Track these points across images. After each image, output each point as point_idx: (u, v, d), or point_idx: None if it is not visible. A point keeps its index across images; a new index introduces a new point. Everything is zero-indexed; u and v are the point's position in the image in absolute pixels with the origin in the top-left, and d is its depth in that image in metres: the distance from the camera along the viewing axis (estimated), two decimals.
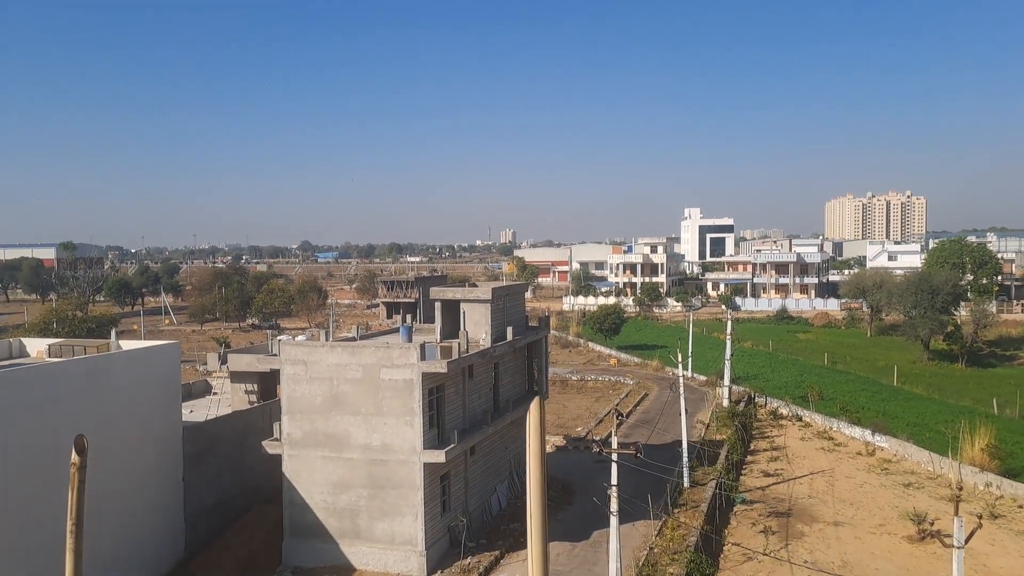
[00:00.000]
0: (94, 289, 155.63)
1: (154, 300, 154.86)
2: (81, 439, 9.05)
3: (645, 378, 78.60)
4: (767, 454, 51.60)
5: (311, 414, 33.14)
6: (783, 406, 64.12)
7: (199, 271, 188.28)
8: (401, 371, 32.03)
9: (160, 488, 33.19)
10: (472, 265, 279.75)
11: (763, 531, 37.88)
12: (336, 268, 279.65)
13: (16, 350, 34.54)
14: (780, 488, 44.64)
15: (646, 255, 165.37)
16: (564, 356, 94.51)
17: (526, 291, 48.27)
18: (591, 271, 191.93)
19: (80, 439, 9.06)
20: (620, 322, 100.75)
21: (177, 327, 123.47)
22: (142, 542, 32.18)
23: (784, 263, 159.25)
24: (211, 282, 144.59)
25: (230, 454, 36.99)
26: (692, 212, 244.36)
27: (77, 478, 9.09)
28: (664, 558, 32.57)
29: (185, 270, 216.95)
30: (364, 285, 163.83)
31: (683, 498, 40.85)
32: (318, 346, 33.78)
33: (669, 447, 49.41)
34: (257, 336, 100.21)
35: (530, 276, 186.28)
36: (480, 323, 37.65)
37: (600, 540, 35.57)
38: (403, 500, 32.28)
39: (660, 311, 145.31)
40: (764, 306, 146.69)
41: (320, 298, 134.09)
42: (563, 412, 63.25)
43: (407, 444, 32.09)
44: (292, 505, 33.51)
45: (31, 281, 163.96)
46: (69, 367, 30.03)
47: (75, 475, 9.09)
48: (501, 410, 39.35)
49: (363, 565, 32.65)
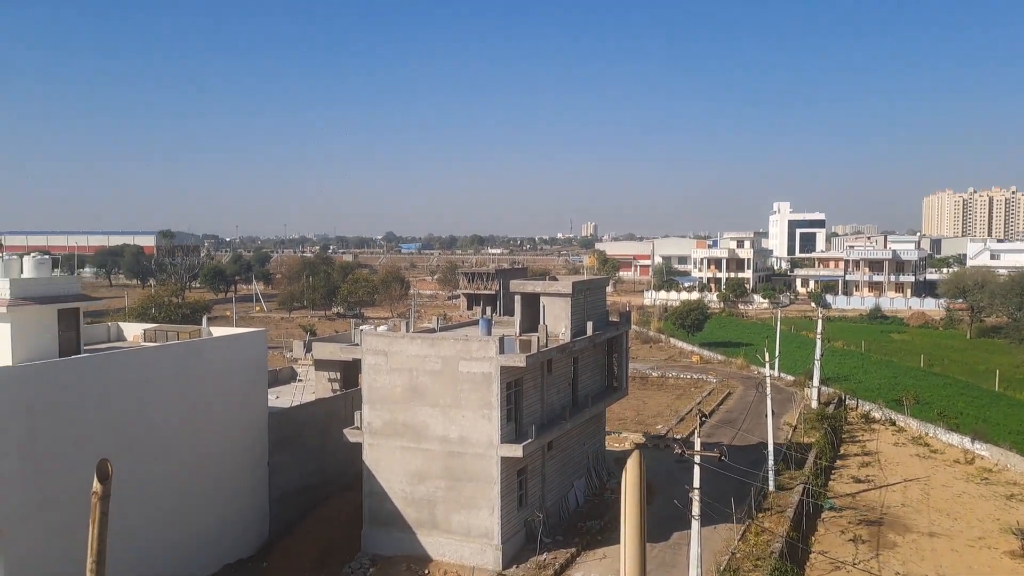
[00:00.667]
0: (190, 276, 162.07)
1: (246, 287, 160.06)
2: (105, 464, 7.55)
3: (729, 376, 76.72)
4: (858, 459, 49.59)
5: (391, 404, 33.41)
6: (876, 409, 61.54)
7: (288, 260, 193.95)
8: (479, 364, 31.94)
9: (247, 472, 34.09)
10: (553, 258, 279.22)
11: (852, 540, 36.34)
12: (419, 259, 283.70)
13: (114, 334, 35.99)
14: (871, 495, 42.79)
15: (732, 250, 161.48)
16: (645, 352, 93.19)
17: (607, 285, 47.55)
18: (674, 266, 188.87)
19: (104, 464, 7.54)
20: (704, 318, 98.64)
21: (267, 314, 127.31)
22: (230, 524, 33.13)
23: (879, 260, 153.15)
24: (299, 271, 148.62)
25: (313, 440, 37.71)
26: (781, 206, 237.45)
27: (99, 509, 7.50)
28: (746, 564, 31.55)
29: (276, 259, 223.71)
30: (445, 276, 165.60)
31: (767, 502, 39.56)
32: (398, 337, 34.02)
33: (753, 449, 48.00)
34: (342, 324, 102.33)
35: (611, 270, 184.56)
36: (560, 317, 37.23)
37: (680, 542, 34.74)
38: (480, 493, 32.23)
39: (746, 308, 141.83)
40: (856, 304, 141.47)
41: (403, 288, 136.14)
42: (643, 409, 62.28)
43: (484, 437, 32.00)
44: (371, 494, 33.89)
45: (132, 267, 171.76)
46: (162, 352, 31.09)
47: (96, 505, 7.51)
48: (580, 406, 38.88)
49: (440, 556, 32.77)
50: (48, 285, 29.39)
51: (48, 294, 29.02)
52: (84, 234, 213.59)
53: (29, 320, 28.09)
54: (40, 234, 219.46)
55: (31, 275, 29.57)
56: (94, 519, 7.48)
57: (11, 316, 27.44)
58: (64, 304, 29.33)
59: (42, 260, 30.54)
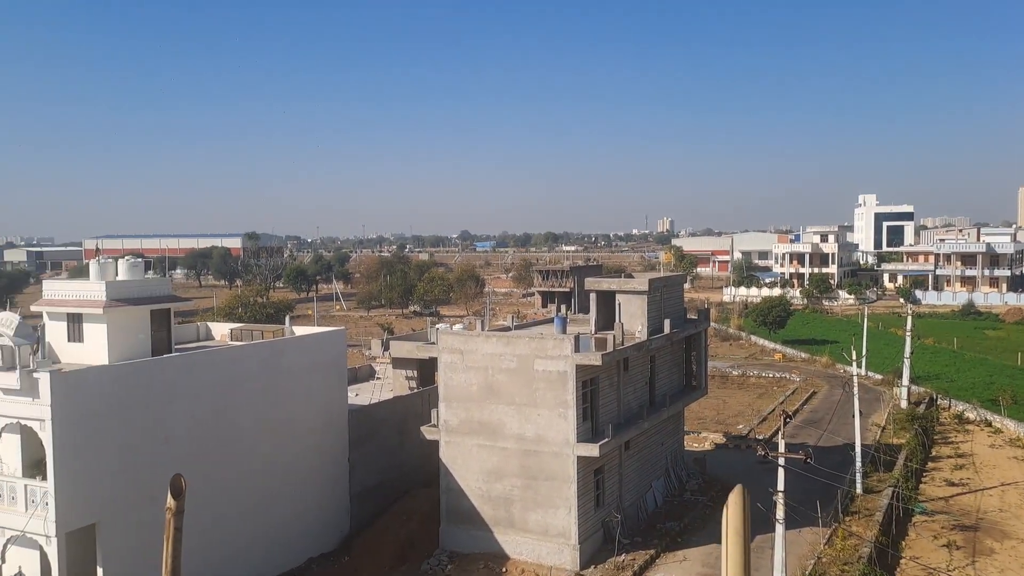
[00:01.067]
0: (274, 276, 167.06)
1: (327, 287, 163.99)
2: (179, 479, 7.17)
3: (813, 375, 74.55)
4: (951, 461, 47.49)
5: (467, 402, 33.64)
6: (970, 409, 58.83)
7: (367, 260, 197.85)
8: (555, 362, 31.84)
9: (328, 468, 34.87)
10: (628, 255, 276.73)
11: (946, 546, 34.83)
12: (493, 257, 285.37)
13: (203, 333, 37.33)
14: (966, 499, 40.92)
15: (815, 244, 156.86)
16: (724, 349, 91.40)
17: (684, 282, 46.81)
18: (754, 261, 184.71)
19: (178, 479, 7.16)
20: (786, 315, 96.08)
21: (346, 313, 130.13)
22: (312, 519, 33.95)
23: (971, 254, 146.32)
24: (377, 270, 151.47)
25: (391, 438, 38.31)
26: (867, 199, 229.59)
27: (173, 525, 7.11)
28: (833, 569, 30.59)
29: (355, 259, 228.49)
30: (520, 274, 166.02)
31: (855, 506, 38.28)
32: (474, 335, 34.21)
33: (839, 450, 46.50)
34: (419, 323, 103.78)
35: (688, 266, 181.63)
36: (636, 315, 36.81)
37: (762, 545, 33.89)
38: (556, 492, 32.14)
39: (830, 304, 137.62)
40: (948, 300, 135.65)
41: (478, 286, 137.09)
42: (723, 408, 61.09)
43: (560, 436, 31.89)
44: (448, 491, 34.20)
45: (220, 268, 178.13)
46: (248, 351, 32.08)
47: (170, 522, 7.14)
48: (657, 405, 38.37)
49: (517, 554, 32.83)
50: (141, 287, 30.67)
51: (141, 295, 30.28)
52: (175, 237, 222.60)
53: (124, 321, 29.37)
54: (134, 237, 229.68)
55: (125, 277, 30.91)
56: (168, 536, 7.13)
57: (107, 317, 28.75)
58: (156, 305, 30.55)
59: (135, 263, 31.89)
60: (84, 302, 29.20)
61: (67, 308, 29.50)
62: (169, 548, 7.16)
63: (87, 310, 28.98)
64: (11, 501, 25.83)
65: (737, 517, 6.53)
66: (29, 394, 24.88)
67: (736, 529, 6.52)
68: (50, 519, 24.64)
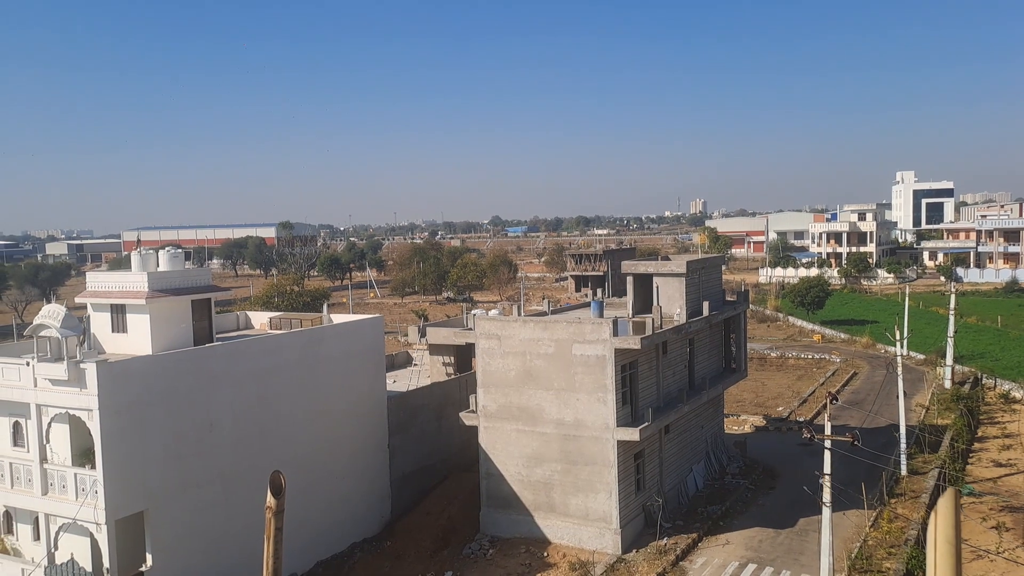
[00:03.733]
0: (309, 265, 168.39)
1: (360, 275, 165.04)
2: (278, 476, 6.81)
3: (853, 356, 73.37)
4: (998, 442, 46.48)
5: (505, 388, 33.59)
6: (1016, 389, 57.50)
7: (399, 247, 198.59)
8: (593, 347, 31.63)
9: (369, 454, 35.10)
10: (661, 237, 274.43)
11: (995, 527, 34.09)
12: (525, 242, 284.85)
13: (243, 322, 37.69)
14: (1015, 480, 40.03)
15: (853, 223, 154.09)
16: (761, 331, 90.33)
17: (722, 264, 46.22)
18: (789, 241, 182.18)
19: (277, 476, 6.80)
20: (824, 295, 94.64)
21: (380, 300, 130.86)
22: (354, 505, 34.23)
23: (1015, 229, 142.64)
24: (410, 257, 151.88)
25: (429, 423, 38.45)
26: (905, 176, 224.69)
27: (273, 524, 6.82)
28: (880, 552, 30.13)
29: (387, 246, 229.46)
30: (552, 258, 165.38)
31: (900, 487, 37.66)
32: (511, 321, 34.10)
33: (883, 431, 45.76)
34: (452, 309, 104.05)
35: (723, 247, 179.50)
36: (674, 298, 36.41)
37: (807, 528, 33.55)
38: (596, 477, 32.02)
39: (869, 283, 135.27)
40: (991, 277, 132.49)
41: (510, 272, 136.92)
42: (762, 391, 60.42)
43: (600, 420, 31.73)
44: (488, 476, 34.25)
45: (255, 257, 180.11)
46: (288, 339, 32.31)
47: (271, 521, 6.84)
48: (697, 388, 38.00)
49: (558, 539, 32.81)
50: (182, 277, 30.98)
51: (183, 286, 30.59)
52: (210, 228, 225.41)
53: (166, 311, 29.71)
54: (171, 229, 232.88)
55: (166, 268, 31.23)
56: (269, 535, 6.86)
57: (150, 307, 29.10)
58: (197, 295, 30.86)
59: (176, 253, 32.18)
60: (127, 293, 29.57)
61: (111, 299, 29.90)
62: (270, 548, 6.93)
63: (130, 301, 29.35)
64: (62, 490, 26.36)
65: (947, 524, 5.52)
66: (77, 385, 25.31)
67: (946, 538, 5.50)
68: (100, 507, 25.09)
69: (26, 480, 27.28)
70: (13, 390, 27.02)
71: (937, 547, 5.52)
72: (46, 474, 26.80)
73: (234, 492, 28.71)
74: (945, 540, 5.46)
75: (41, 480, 26.78)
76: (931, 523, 5.44)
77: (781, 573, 30.01)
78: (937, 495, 35.85)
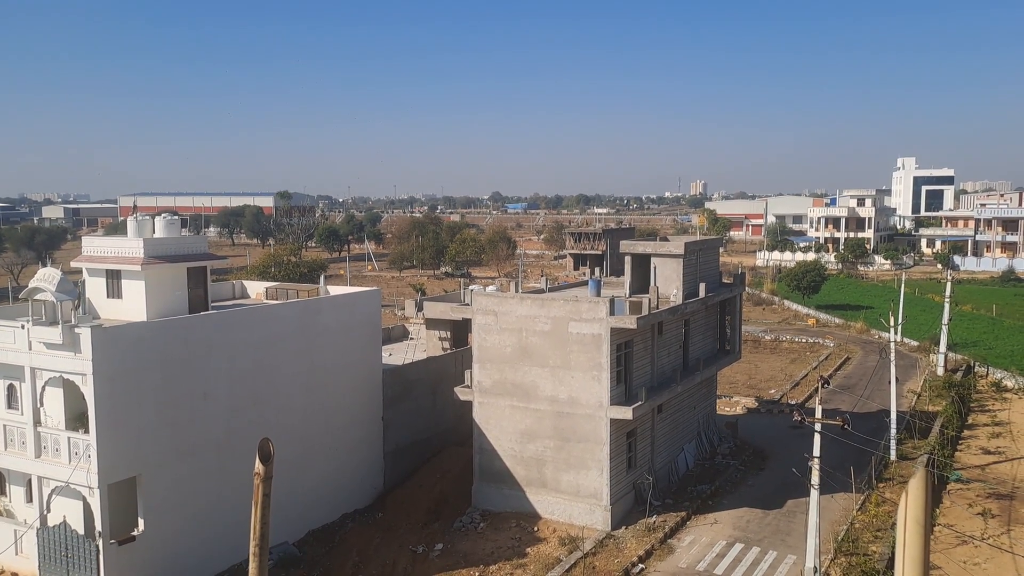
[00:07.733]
0: (306, 236, 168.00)
1: (359, 247, 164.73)
2: (267, 444, 6.95)
3: (847, 341, 73.62)
4: (987, 429, 46.79)
5: (500, 364, 33.68)
6: (1008, 377, 57.81)
7: (398, 220, 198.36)
8: (589, 325, 31.69)
9: (363, 426, 35.25)
10: (660, 217, 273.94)
11: (981, 514, 34.42)
12: (525, 219, 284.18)
13: (238, 291, 37.64)
14: (1002, 468, 40.36)
15: (851, 208, 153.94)
16: (757, 314, 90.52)
17: (720, 246, 46.19)
18: (788, 225, 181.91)
19: (266, 443, 6.94)
20: (820, 280, 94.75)
21: (378, 273, 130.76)
22: (347, 476, 34.43)
23: (1013, 219, 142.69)
24: (409, 231, 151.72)
25: (424, 397, 38.58)
26: (906, 162, 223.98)
27: (261, 491, 6.90)
28: (866, 535, 30.43)
29: (386, 219, 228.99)
30: (551, 236, 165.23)
31: (889, 472, 37.97)
32: (508, 297, 34.12)
33: (874, 416, 46.03)
34: (450, 284, 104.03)
35: (721, 229, 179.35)
36: (671, 278, 36.44)
37: (794, 509, 33.85)
38: (588, 454, 32.22)
39: (866, 269, 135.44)
40: (987, 266, 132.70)
41: (509, 248, 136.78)
42: (755, 373, 60.68)
43: (594, 398, 31.87)
44: (482, 451, 34.44)
45: (252, 227, 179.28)
46: (284, 309, 32.30)
47: (259, 487, 6.98)
48: (691, 369, 38.15)
49: (548, 514, 33.07)
50: (178, 244, 30.88)
51: (178, 253, 30.50)
52: (208, 195, 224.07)
53: (162, 278, 29.65)
54: (168, 195, 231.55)
55: (162, 235, 31.08)
56: (256, 501, 6.99)
57: (145, 274, 29.04)
58: (193, 263, 30.78)
59: (172, 220, 32.03)
60: (123, 259, 29.49)
61: (106, 265, 29.83)
62: (258, 513, 7.07)
63: (126, 267, 29.28)
64: (55, 453, 26.47)
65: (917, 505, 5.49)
66: (71, 349, 25.32)
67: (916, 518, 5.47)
68: (92, 471, 25.22)
69: (20, 442, 27.39)
70: (8, 353, 27.05)
71: (907, 527, 5.50)
72: (40, 437, 26.90)
73: (227, 461, 28.84)
74: (914, 520, 5.47)
75: (35, 443, 26.89)
76: (901, 504, 5.41)
77: (768, 553, 30.33)
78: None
